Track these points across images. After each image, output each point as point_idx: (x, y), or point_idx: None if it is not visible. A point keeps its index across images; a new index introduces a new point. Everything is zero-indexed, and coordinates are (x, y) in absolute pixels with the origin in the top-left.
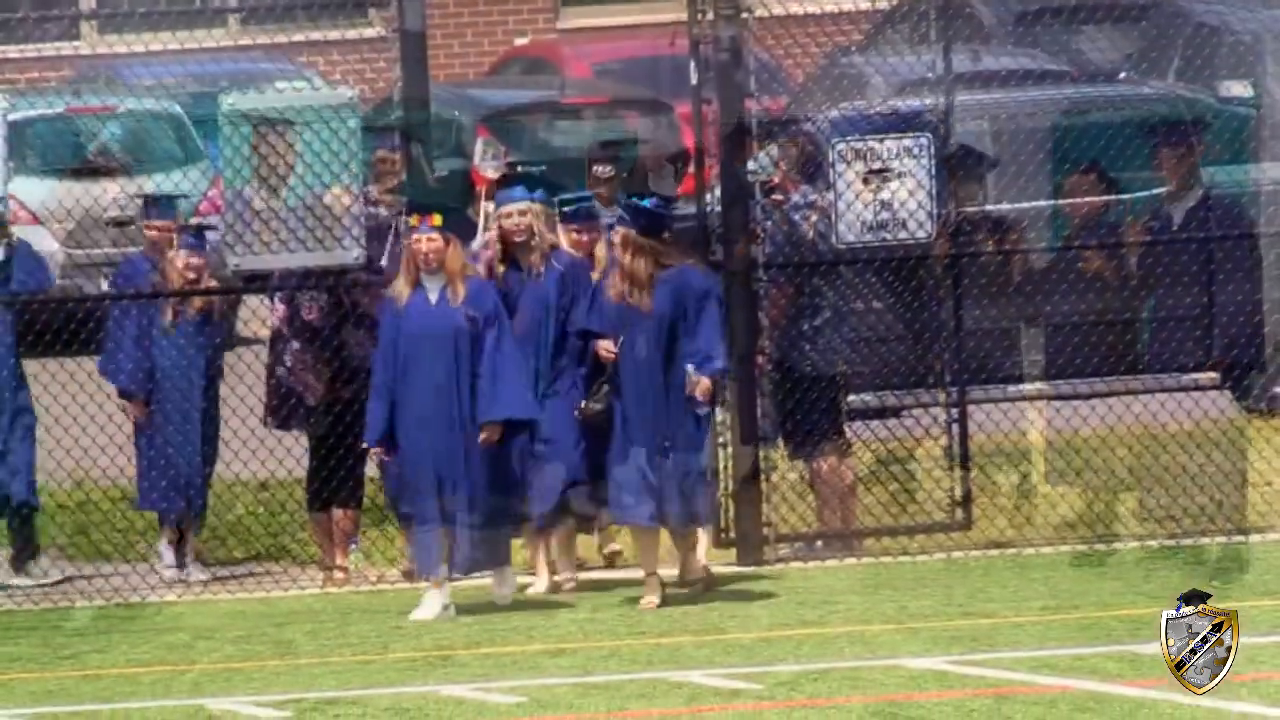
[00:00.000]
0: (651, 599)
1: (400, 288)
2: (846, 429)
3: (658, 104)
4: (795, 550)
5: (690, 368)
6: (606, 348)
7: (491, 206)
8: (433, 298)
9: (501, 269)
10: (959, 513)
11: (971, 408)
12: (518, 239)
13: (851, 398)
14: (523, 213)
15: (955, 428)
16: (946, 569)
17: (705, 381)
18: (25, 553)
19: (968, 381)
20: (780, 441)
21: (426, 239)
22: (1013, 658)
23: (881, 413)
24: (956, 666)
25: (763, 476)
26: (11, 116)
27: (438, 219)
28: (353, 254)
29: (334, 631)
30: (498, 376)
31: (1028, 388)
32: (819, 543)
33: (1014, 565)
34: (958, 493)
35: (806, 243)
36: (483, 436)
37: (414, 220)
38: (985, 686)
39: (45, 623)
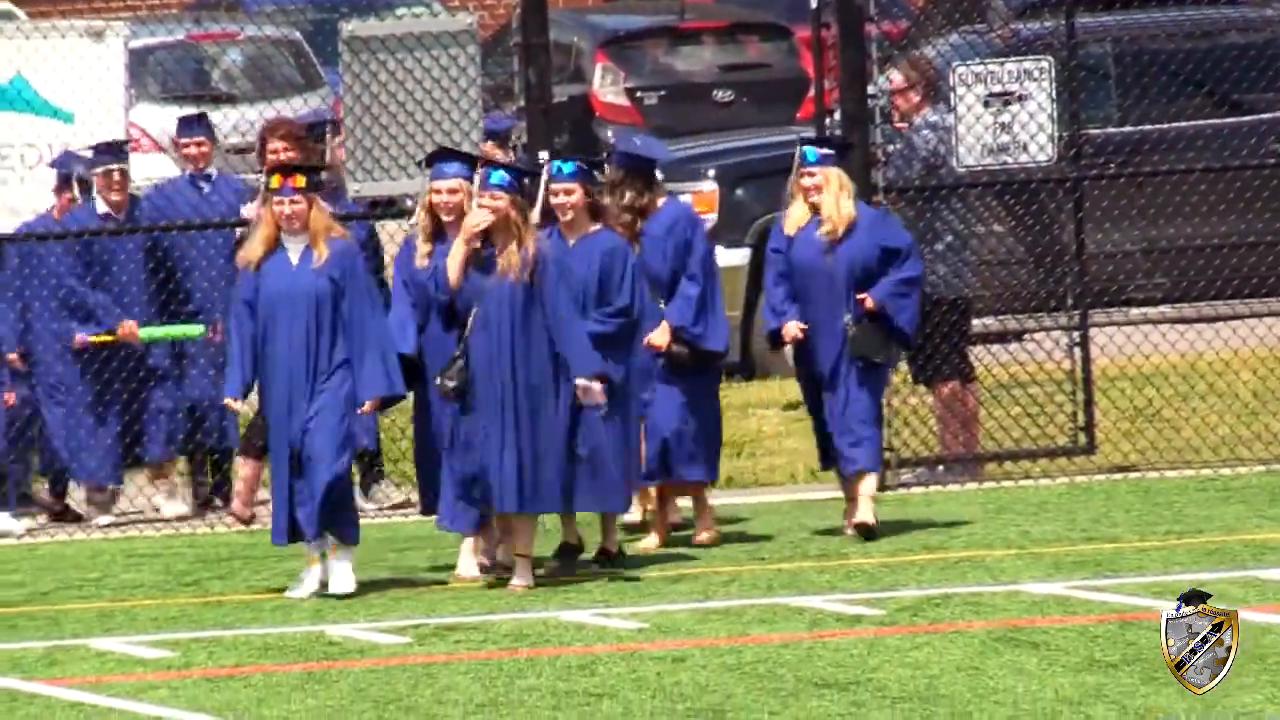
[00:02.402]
0: (519, 582)
1: (253, 250)
2: (969, 353)
3: (777, 28)
4: (917, 475)
5: (579, 382)
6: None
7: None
8: (294, 259)
9: (427, 247)
10: (1082, 437)
11: (1094, 331)
12: (446, 216)
13: (974, 322)
14: (453, 190)
15: (1078, 351)
16: (1069, 494)
17: (591, 386)
18: (369, 478)
19: (1090, 305)
20: (903, 366)
21: (289, 201)
22: (1136, 583)
23: (1004, 337)
24: (1079, 592)
25: (885, 401)
26: (133, 44)
27: (300, 180)
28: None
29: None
30: (364, 354)
31: (1151, 311)
32: (941, 467)
33: (1137, 490)
34: (1080, 417)
35: (929, 166)
36: (363, 409)
37: (275, 182)
38: (1109, 612)
39: (168, 549)
